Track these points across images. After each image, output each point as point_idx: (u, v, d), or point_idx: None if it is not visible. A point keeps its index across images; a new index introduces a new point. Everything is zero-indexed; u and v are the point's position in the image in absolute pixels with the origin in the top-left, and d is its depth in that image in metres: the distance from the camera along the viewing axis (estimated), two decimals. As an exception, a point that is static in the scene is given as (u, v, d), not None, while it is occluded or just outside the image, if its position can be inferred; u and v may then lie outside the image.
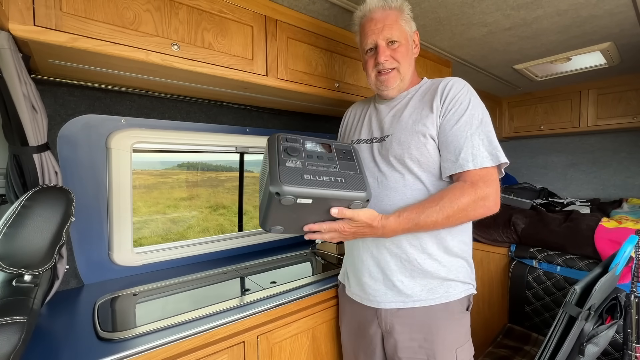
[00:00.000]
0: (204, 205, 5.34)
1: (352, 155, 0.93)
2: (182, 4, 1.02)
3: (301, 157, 0.85)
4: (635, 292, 1.23)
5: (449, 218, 0.86)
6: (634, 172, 2.54)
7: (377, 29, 0.99)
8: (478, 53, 1.82)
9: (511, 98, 2.85)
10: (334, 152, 0.91)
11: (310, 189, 0.79)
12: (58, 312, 1.01)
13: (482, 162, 0.87)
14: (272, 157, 0.84)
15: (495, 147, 0.89)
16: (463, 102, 0.92)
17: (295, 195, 0.78)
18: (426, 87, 1.03)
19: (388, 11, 1.00)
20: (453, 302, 0.96)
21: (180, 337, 0.87)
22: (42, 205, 0.78)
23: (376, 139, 1.03)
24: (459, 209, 0.85)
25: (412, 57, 1.05)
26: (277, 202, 0.78)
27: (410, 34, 1.03)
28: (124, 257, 1.30)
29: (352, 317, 1.11)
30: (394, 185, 0.97)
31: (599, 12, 1.39)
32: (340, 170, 0.87)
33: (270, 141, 0.89)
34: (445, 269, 0.96)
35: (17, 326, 0.67)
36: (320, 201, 0.81)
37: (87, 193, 1.22)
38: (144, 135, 1.31)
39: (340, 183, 0.83)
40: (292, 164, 0.82)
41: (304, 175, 0.81)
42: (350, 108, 1.26)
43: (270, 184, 0.78)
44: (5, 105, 0.83)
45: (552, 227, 1.82)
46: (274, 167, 0.81)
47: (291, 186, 0.77)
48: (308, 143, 0.90)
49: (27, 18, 0.78)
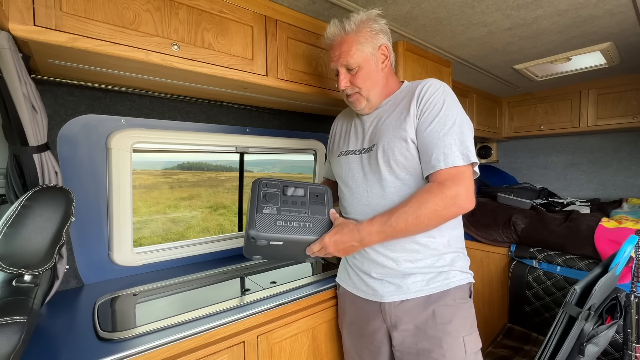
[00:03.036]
0: (204, 205, 5.34)
1: (323, 198, 1.07)
2: (182, 4, 1.02)
3: (277, 203, 1.02)
4: (635, 292, 1.23)
5: (420, 219, 0.87)
6: (634, 172, 2.54)
7: (335, 56, 1.03)
8: (478, 53, 1.82)
9: (511, 98, 2.85)
10: (307, 196, 1.06)
11: (281, 235, 0.97)
12: (58, 312, 1.01)
13: (453, 161, 0.87)
14: (252, 203, 1.01)
15: (467, 147, 0.90)
16: (437, 104, 0.93)
17: (268, 239, 0.97)
18: (405, 91, 1.04)
19: (344, 37, 1.01)
20: (454, 289, 0.97)
21: (180, 337, 0.87)
22: (42, 205, 0.78)
23: (364, 150, 1.06)
24: (428, 209, 0.86)
25: (378, 73, 1.04)
26: (254, 242, 0.97)
27: (371, 53, 1.02)
28: (124, 257, 1.30)
29: (354, 316, 1.11)
30: (384, 193, 0.99)
31: (599, 12, 1.39)
32: (310, 215, 1.03)
33: (252, 186, 1.05)
34: (442, 262, 0.98)
35: (17, 326, 0.67)
36: (291, 242, 0.99)
37: (87, 193, 1.22)
38: (144, 135, 1.31)
39: (307, 228, 1.00)
40: (268, 211, 1.00)
41: (277, 221, 0.98)
42: (336, 119, 1.29)
43: (248, 228, 0.97)
44: (5, 105, 0.83)
45: (552, 227, 1.82)
46: (252, 213, 0.99)
47: (265, 232, 0.96)
48: (286, 189, 1.05)
49: (27, 18, 0.78)
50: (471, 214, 2.18)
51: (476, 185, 2.99)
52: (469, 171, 0.90)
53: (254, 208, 1.00)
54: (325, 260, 1.59)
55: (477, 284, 2.17)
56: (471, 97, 2.50)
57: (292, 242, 1.00)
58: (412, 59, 1.69)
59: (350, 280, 1.11)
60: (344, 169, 1.12)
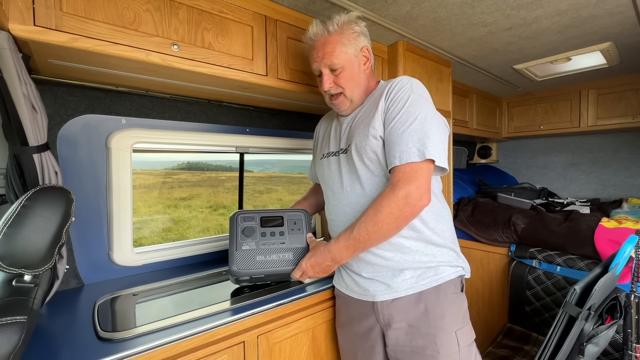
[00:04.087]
0: (204, 205, 5.34)
1: (301, 224, 1.12)
2: (182, 4, 1.02)
3: (256, 237, 1.07)
4: (635, 292, 1.23)
5: (379, 225, 0.87)
6: (634, 172, 2.54)
7: (318, 57, 1.03)
8: (478, 53, 1.82)
9: (511, 98, 2.85)
10: (285, 226, 1.11)
11: (261, 269, 1.04)
12: (58, 312, 1.01)
13: (407, 158, 0.86)
14: (232, 239, 1.06)
15: (424, 144, 0.86)
16: (401, 100, 0.93)
17: (249, 275, 1.04)
18: (380, 90, 1.04)
19: (327, 37, 1.01)
20: (444, 284, 0.97)
21: (180, 337, 0.87)
22: (42, 205, 0.78)
23: (342, 150, 1.07)
24: (383, 214, 0.87)
25: (361, 74, 1.05)
26: (236, 278, 1.05)
27: (354, 55, 1.02)
28: (124, 257, 1.30)
29: (347, 316, 1.11)
30: (364, 191, 0.99)
31: (599, 12, 1.39)
32: (289, 244, 1.08)
33: (230, 221, 1.10)
34: (429, 257, 0.98)
35: (17, 326, 0.67)
36: (271, 275, 1.07)
37: (87, 193, 1.22)
38: (144, 135, 1.31)
39: (286, 260, 1.06)
40: (248, 247, 1.05)
41: (257, 257, 1.04)
42: (319, 123, 1.32)
43: (229, 264, 1.03)
44: (5, 105, 0.83)
45: (552, 227, 1.82)
46: (232, 251, 1.04)
47: (245, 269, 1.03)
48: (263, 221, 1.10)
49: (27, 18, 0.78)
50: (471, 213, 2.18)
51: (476, 185, 2.98)
52: (424, 168, 0.87)
53: (233, 245, 1.05)
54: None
55: (477, 284, 2.17)
56: (471, 97, 2.50)
57: (272, 274, 1.06)
58: (412, 59, 1.69)
59: (343, 281, 1.12)
60: (325, 171, 1.13)
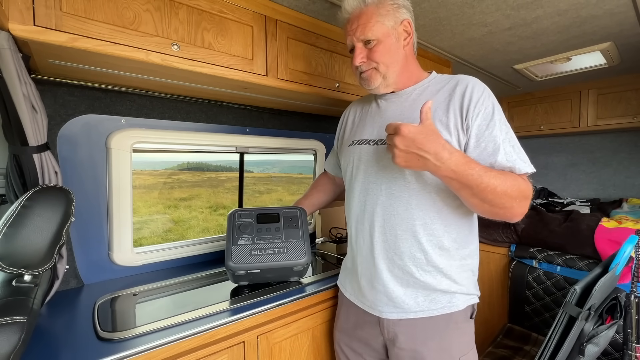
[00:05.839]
0: (204, 206, 5.34)
1: (297, 220, 1.12)
2: (182, 4, 1.02)
3: (251, 233, 1.08)
4: (635, 292, 1.23)
5: (501, 194, 0.77)
6: (634, 172, 2.54)
7: (352, 29, 0.93)
8: (478, 53, 1.82)
9: (511, 98, 2.85)
10: (281, 222, 1.11)
11: (257, 263, 1.05)
12: (58, 312, 1.01)
13: (526, 170, 0.87)
14: (228, 235, 1.08)
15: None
16: (488, 107, 0.86)
17: (245, 269, 1.05)
18: (438, 84, 0.95)
19: (363, 8, 0.91)
20: (457, 313, 0.91)
21: (180, 337, 0.87)
22: (42, 205, 0.78)
23: (382, 141, 0.94)
24: (514, 189, 0.79)
25: (399, 50, 0.93)
26: (232, 273, 1.06)
27: (393, 27, 0.92)
28: (124, 257, 1.30)
29: (347, 321, 1.07)
30: (398, 193, 0.90)
31: (599, 12, 1.39)
32: (285, 240, 1.09)
33: (228, 218, 1.11)
34: (449, 282, 0.91)
35: (17, 326, 0.67)
36: (267, 269, 1.06)
37: (87, 193, 1.22)
38: (144, 135, 1.31)
39: (282, 254, 1.07)
40: (243, 242, 1.06)
41: (252, 251, 1.06)
42: (349, 106, 1.19)
43: (226, 260, 1.05)
44: (5, 105, 0.83)
45: (552, 227, 1.82)
46: (228, 246, 1.06)
47: (241, 263, 1.04)
48: (259, 217, 1.11)
49: (27, 18, 0.78)
50: (471, 214, 2.18)
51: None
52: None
53: (229, 241, 1.07)
54: (325, 260, 1.59)
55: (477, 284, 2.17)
56: (471, 97, 2.50)
57: (268, 268, 1.07)
58: (412, 59, 1.69)
59: (351, 287, 1.06)
60: (354, 159, 1.00)
